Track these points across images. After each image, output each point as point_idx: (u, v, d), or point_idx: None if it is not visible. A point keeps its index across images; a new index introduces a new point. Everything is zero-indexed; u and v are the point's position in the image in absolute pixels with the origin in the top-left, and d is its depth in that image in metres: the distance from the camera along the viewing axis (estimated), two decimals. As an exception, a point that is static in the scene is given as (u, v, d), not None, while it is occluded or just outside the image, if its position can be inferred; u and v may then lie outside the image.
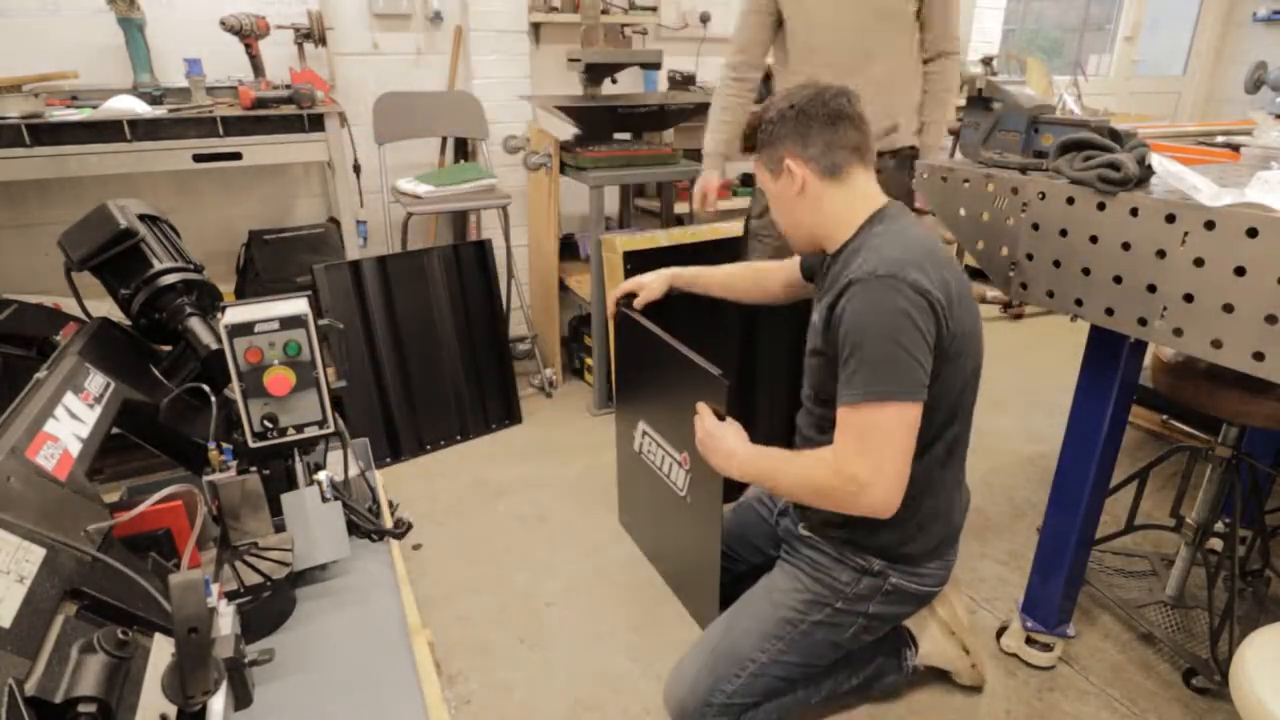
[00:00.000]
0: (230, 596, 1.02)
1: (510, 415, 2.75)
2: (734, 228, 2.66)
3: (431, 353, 2.56)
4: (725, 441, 1.38)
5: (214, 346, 1.18)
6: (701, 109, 2.94)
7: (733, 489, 1.79)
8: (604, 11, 3.00)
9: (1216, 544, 1.80)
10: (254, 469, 1.15)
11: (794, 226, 1.40)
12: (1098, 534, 1.72)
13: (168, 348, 1.29)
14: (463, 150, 3.03)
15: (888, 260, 1.20)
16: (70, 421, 0.97)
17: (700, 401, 1.46)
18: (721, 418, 1.43)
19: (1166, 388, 1.55)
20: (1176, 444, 1.83)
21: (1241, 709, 1.16)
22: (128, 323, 1.26)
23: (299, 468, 1.20)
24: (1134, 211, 1.20)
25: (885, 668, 1.54)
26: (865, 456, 1.19)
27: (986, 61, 3.96)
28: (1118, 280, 1.25)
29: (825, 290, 1.33)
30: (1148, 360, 1.59)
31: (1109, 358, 1.40)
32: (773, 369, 2.06)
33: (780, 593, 1.43)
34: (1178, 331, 1.18)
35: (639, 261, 2.48)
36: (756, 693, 1.39)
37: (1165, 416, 2.58)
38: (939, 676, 1.60)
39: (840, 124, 1.29)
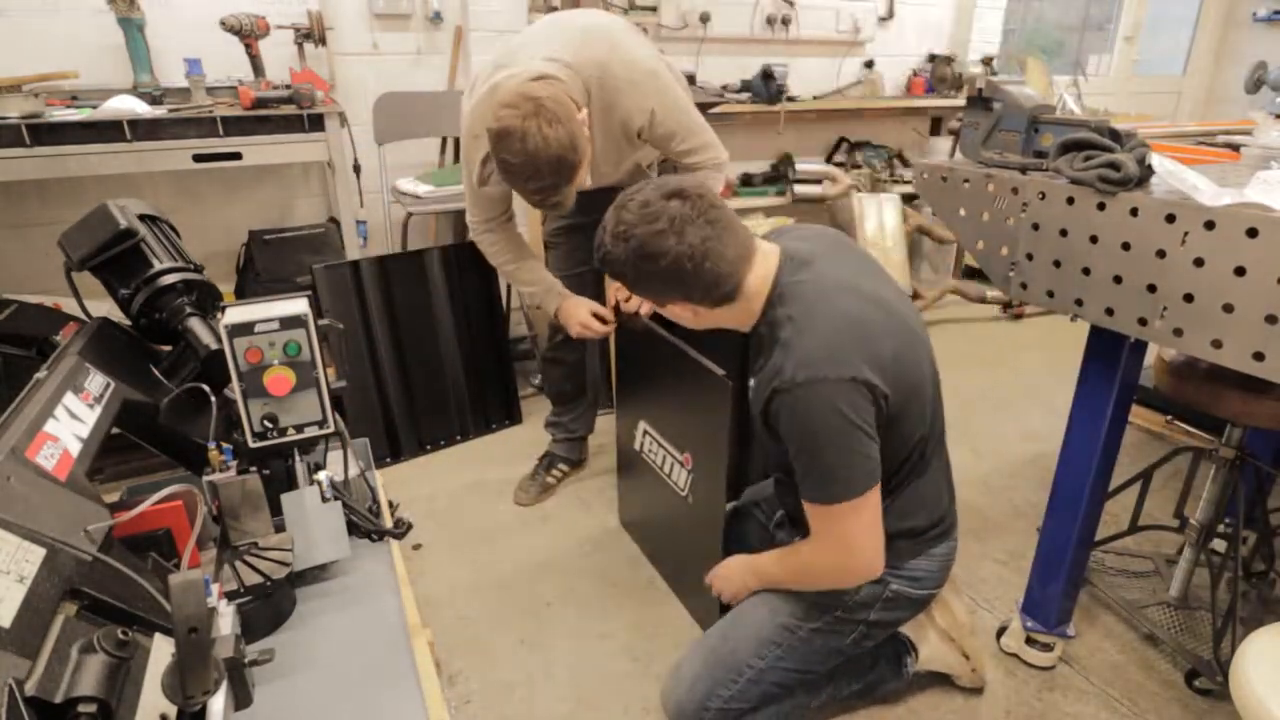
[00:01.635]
0: (230, 596, 1.02)
1: (510, 415, 2.75)
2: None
3: (431, 353, 2.55)
4: (732, 569, 1.48)
5: (214, 346, 1.18)
6: (702, 109, 2.94)
7: (734, 489, 1.80)
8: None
9: (1220, 545, 1.80)
10: (254, 469, 1.15)
11: (705, 329, 1.32)
12: (1101, 534, 1.72)
13: (168, 348, 1.29)
14: (463, 150, 3.03)
15: (806, 361, 1.13)
16: (70, 421, 0.97)
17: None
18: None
19: (1169, 388, 1.55)
20: (1180, 445, 1.83)
21: (1241, 709, 1.16)
22: (128, 323, 1.26)
23: (299, 468, 1.20)
24: (1134, 211, 1.20)
25: (885, 674, 1.53)
26: (837, 546, 1.25)
27: (986, 61, 3.96)
28: (1118, 280, 1.25)
29: (755, 370, 1.26)
30: (1150, 361, 1.59)
31: (1109, 358, 1.40)
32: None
33: (779, 599, 1.41)
34: (1178, 332, 1.18)
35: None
36: (754, 699, 1.38)
37: (1169, 417, 2.58)
38: (939, 677, 1.60)
39: (710, 250, 1.15)
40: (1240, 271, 1.08)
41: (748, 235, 1.23)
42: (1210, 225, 1.11)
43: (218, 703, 0.72)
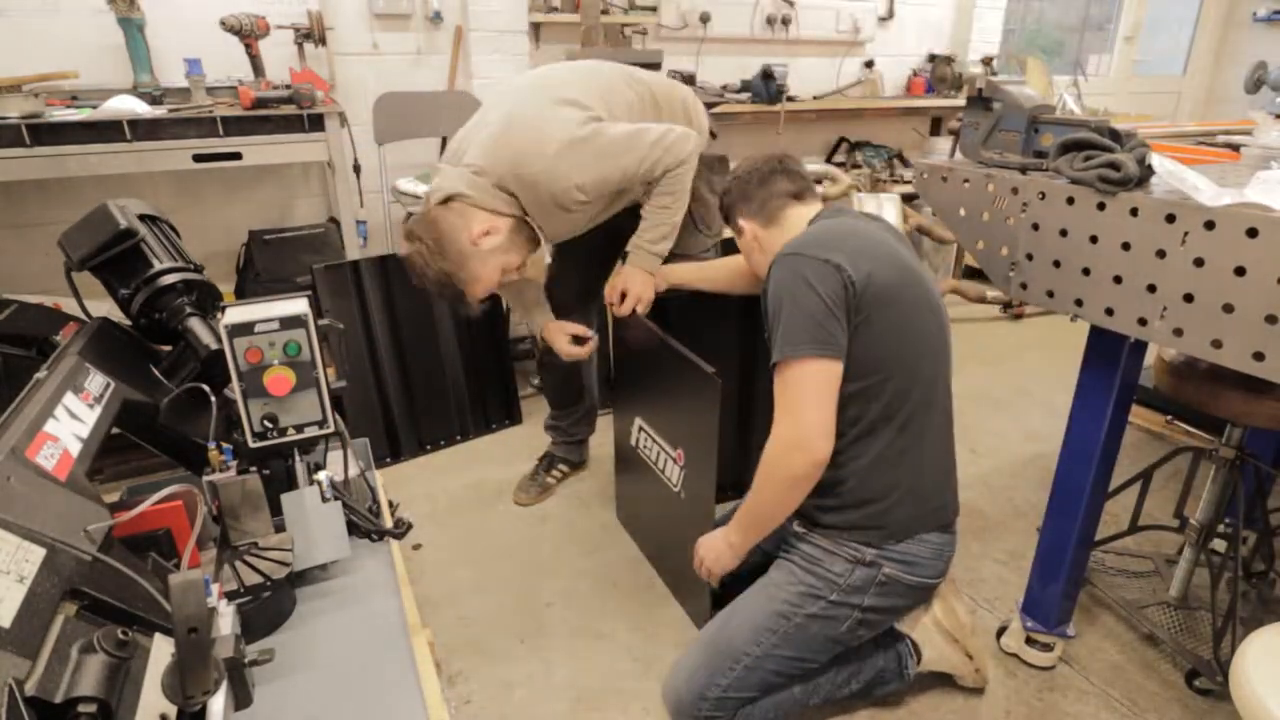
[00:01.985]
0: (230, 596, 1.02)
1: (510, 415, 2.75)
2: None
3: (431, 352, 2.55)
4: (712, 541, 1.49)
5: (214, 346, 1.18)
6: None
7: (725, 485, 1.79)
8: (604, 11, 3.00)
9: (1220, 545, 1.80)
10: (254, 469, 1.15)
11: (761, 270, 1.52)
12: (1101, 534, 1.72)
13: (168, 348, 1.29)
14: (463, 150, 3.03)
15: (794, 242, 1.38)
16: (70, 421, 0.97)
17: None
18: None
19: (1169, 388, 1.55)
20: (1180, 445, 1.83)
21: (1242, 709, 1.16)
22: (128, 323, 1.26)
23: (299, 468, 1.20)
24: (1134, 211, 1.20)
25: (887, 674, 1.53)
26: (786, 411, 1.31)
27: (986, 61, 3.96)
28: (1118, 280, 1.25)
29: None
30: (1150, 361, 1.59)
31: (1109, 358, 1.40)
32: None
33: (775, 586, 1.43)
34: (1178, 332, 1.18)
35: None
36: (752, 687, 1.39)
37: (1169, 417, 2.58)
38: (939, 677, 1.60)
39: (773, 179, 1.53)
40: (1240, 271, 1.08)
41: (810, 189, 1.55)
42: (1210, 225, 1.11)
43: (218, 703, 0.72)
